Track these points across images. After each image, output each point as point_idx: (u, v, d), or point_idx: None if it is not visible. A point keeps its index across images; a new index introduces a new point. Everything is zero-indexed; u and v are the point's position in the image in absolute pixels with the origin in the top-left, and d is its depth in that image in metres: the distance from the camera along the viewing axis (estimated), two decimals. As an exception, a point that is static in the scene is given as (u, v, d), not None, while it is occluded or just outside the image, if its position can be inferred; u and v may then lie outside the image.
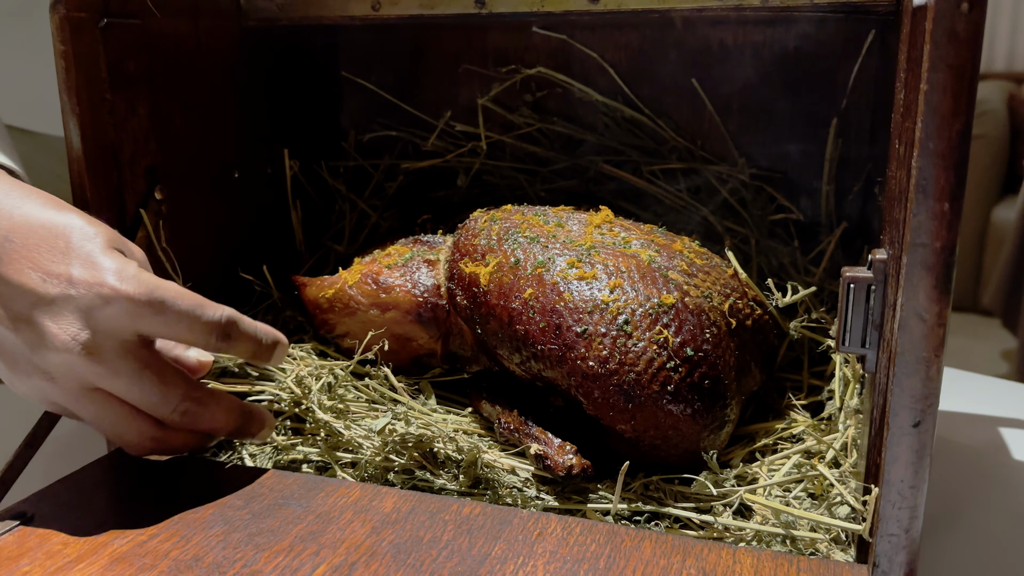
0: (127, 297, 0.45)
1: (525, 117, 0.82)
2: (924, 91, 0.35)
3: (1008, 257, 2.30)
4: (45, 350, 0.45)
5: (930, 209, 0.36)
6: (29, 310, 0.45)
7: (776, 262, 0.73)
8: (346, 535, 0.45)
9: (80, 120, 0.56)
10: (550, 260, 0.56)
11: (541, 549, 0.43)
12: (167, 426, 0.50)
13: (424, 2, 0.66)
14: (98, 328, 0.45)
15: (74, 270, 0.45)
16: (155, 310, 0.46)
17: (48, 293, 0.45)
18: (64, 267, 0.45)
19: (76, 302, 0.45)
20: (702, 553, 0.43)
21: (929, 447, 0.38)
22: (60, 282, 0.45)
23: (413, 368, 0.66)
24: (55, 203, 0.48)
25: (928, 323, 0.37)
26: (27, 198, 0.48)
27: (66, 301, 0.45)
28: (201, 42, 0.67)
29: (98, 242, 0.47)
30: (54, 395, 0.47)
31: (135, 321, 0.46)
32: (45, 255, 0.46)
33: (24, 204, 0.47)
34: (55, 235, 0.46)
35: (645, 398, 0.50)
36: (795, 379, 0.65)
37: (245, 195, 0.74)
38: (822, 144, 0.74)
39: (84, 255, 0.46)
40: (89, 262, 0.46)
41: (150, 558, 0.43)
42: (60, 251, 0.46)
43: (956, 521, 0.59)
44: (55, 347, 0.45)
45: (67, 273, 0.45)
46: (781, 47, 0.74)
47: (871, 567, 0.40)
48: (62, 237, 0.46)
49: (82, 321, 0.45)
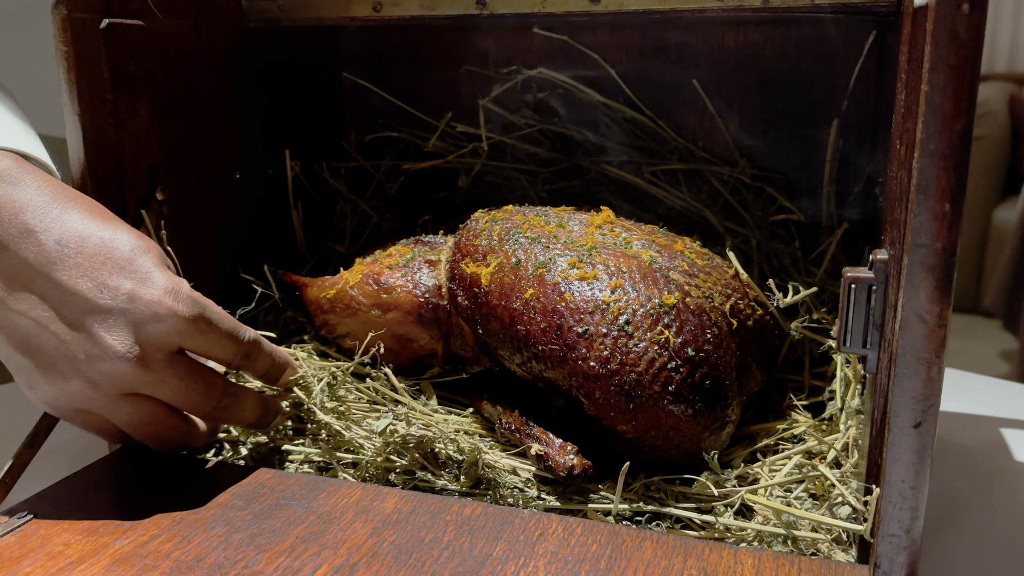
0: (181, 316, 0.48)
1: (526, 118, 0.82)
2: (925, 92, 0.35)
3: (1009, 258, 2.30)
4: (97, 359, 0.47)
5: (931, 210, 0.36)
6: (81, 318, 0.47)
7: (777, 263, 0.73)
8: (347, 536, 0.45)
9: (81, 121, 0.56)
10: (551, 260, 0.56)
11: (542, 550, 0.43)
12: (192, 423, 0.53)
13: (425, 3, 0.66)
14: (148, 341, 0.47)
15: (132, 285, 0.47)
16: (201, 329, 0.49)
17: (104, 304, 0.47)
18: (120, 280, 0.47)
19: (131, 316, 0.47)
20: (703, 553, 0.43)
21: (930, 448, 0.38)
22: (117, 295, 0.47)
23: (414, 369, 0.66)
24: (100, 211, 0.50)
25: (929, 324, 0.37)
26: (73, 203, 0.49)
27: (121, 314, 0.47)
28: (202, 43, 0.67)
29: (151, 258, 0.49)
30: (91, 402, 0.49)
31: (182, 337, 0.48)
32: (99, 266, 0.47)
33: (71, 210, 0.49)
34: (109, 247, 0.48)
35: (646, 398, 0.50)
36: (796, 379, 0.65)
37: (246, 196, 0.74)
38: (823, 145, 0.74)
39: (140, 271, 0.48)
40: (145, 279, 0.48)
41: (151, 559, 0.43)
42: (116, 264, 0.48)
43: (957, 522, 0.59)
44: (109, 357, 0.47)
45: (124, 287, 0.47)
46: (782, 48, 0.74)
47: (872, 567, 0.40)
48: (116, 250, 0.48)
49: (134, 334, 0.47)
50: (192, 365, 0.50)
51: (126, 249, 0.48)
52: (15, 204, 0.47)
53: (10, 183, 0.48)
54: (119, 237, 0.49)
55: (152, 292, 0.47)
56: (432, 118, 0.84)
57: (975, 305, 2.64)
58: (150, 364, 0.48)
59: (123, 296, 0.47)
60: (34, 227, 0.47)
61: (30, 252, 0.47)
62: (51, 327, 0.47)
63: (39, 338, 0.47)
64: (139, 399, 0.49)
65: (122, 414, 0.50)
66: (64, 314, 0.47)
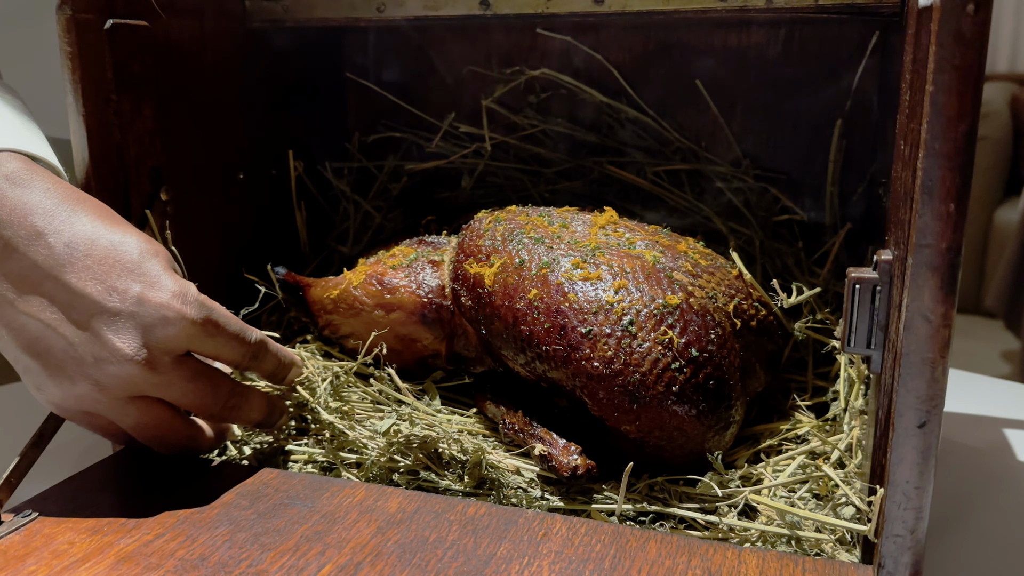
0: (189, 320, 0.48)
1: (529, 118, 0.82)
2: (930, 92, 0.35)
3: (1010, 259, 2.30)
4: (105, 362, 0.47)
5: (935, 210, 0.36)
6: (89, 320, 0.47)
7: (781, 263, 0.73)
8: (351, 535, 0.45)
9: (86, 121, 0.56)
10: (555, 261, 0.56)
11: (546, 549, 0.43)
12: (198, 427, 0.54)
13: (429, 4, 0.66)
14: (155, 344, 0.47)
15: (140, 288, 0.47)
16: (209, 332, 0.49)
17: (113, 306, 0.47)
18: (129, 283, 0.47)
19: (139, 319, 0.47)
20: (707, 554, 0.43)
21: (934, 448, 0.38)
22: (126, 298, 0.47)
23: (418, 369, 0.66)
24: (109, 214, 0.50)
25: (933, 324, 0.37)
26: (82, 206, 0.49)
27: (130, 317, 0.47)
28: (206, 43, 0.67)
29: (159, 262, 0.49)
30: (97, 404, 0.49)
31: (191, 340, 0.48)
32: (108, 269, 0.47)
33: (80, 213, 0.49)
34: (119, 251, 0.48)
35: (650, 399, 0.50)
36: (800, 380, 0.65)
37: (250, 196, 0.74)
38: (826, 145, 0.74)
39: (149, 275, 0.48)
40: (154, 282, 0.48)
41: (156, 558, 0.43)
42: (124, 267, 0.47)
43: (960, 522, 0.59)
44: (117, 359, 0.47)
45: (132, 290, 0.47)
46: (785, 48, 0.74)
47: (876, 568, 0.40)
48: (125, 253, 0.48)
49: (142, 337, 0.47)
50: (199, 367, 0.50)
51: (135, 253, 0.48)
52: (25, 206, 0.47)
53: (19, 185, 0.48)
54: (128, 240, 0.49)
55: (161, 295, 0.47)
56: (435, 119, 0.84)
57: (977, 306, 2.64)
58: (158, 367, 0.48)
59: (132, 299, 0.47)
60: (43, 229, 0.47)
61: (39, 255, 0.47)
62: (60, 329, 0.47)
63: (47, 340, 0.47)
64: (146, 402, 0.49)
65: (128, 417, 0.50)
66: (73, 316, 0.47)
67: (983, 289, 2.61)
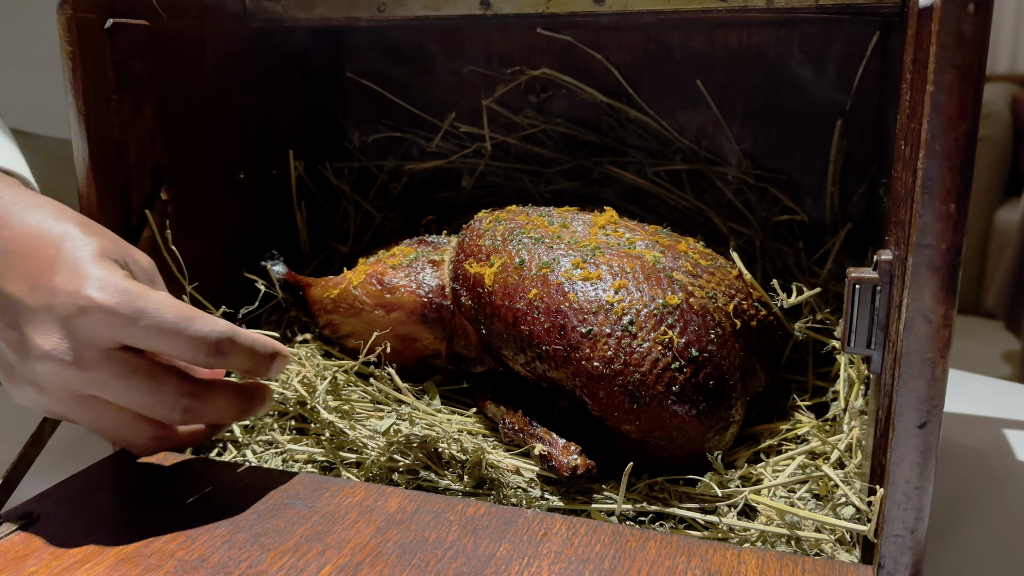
0: (105, 307, 0.44)
1: (529, 118, 0.82)
2: (930, 92, 0.35)
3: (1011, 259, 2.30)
4: (29, 359, 0.45)
5: (936, 210, 0.36)
6: (16, 319, 0.45)
7: (781, 263, 0.73)
8: (351, 535, 0.45)
9: (86, 121, 0.56)
10: (555, 261, 0.56)
11: (546, 549, 0.43)
12: (167, 426, 0.50)
13: (429, 3, 0.66)
14: (78, 337, 0.44)
15: (58, 279, 0.44)
16: (133, 321, 0.44)
17: (33, 303, 0.44)
18: (49, 276, 0.45)
19: (56, 312, 0.44)
20: (707, 554, 0.43)
21: (934, 448, 0.38)
22: (43, 291, 0.44)
23: (418, 369, 0.66)
24: (59, 212, 0.48)
25: (934, 324, 0.37)
26: (34, 208, 0.47)
27: (47, 310, 0.44)
28: (207, 43, 0.67)
29: (88, 251, 0.46)
30: (48, 404, 0.47)
31: (114, 331, 0.44)
32: (35, 264, 0.45)
33: (29, 214, 0.47)
34: (48, 244, 0.46)
35: (650, 399, 0.50)
36: (800, 380, 0.65)
37: (250, 196, 0.74)
38: (826, 145, 0.74)
39: (70, 264, 0.45)
40: (73, 271, 0.45)
41: (156, 558, 0.43)
42: (49, 260, 0.45)
43: (960, 522, 0.59)
44: (37, 356, 0.44)
45: (50, 282, 0.44)
46: (785, 48, 0.74)
47: (876, 568, 0.40)
48: (53, 246, 0.45)
49: (62, 330, 0.44)
50: (135, 363, 0.46)
51: (65, 244, 0.45)
52: None
53: None
54: (64, 232, 0.46)
55: (74, 284, 0.44)
56: (435, 118, 0.84)
57: (977, 306, 2.64)
58: (83, 363, 0.44)
59: (47, 291, 0.44)
60: None
61: None
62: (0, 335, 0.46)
63: None
64: (95, 402, 0.46)
65: (81, 418, 0.47)
66: (6, 320, 0.45)
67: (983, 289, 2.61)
